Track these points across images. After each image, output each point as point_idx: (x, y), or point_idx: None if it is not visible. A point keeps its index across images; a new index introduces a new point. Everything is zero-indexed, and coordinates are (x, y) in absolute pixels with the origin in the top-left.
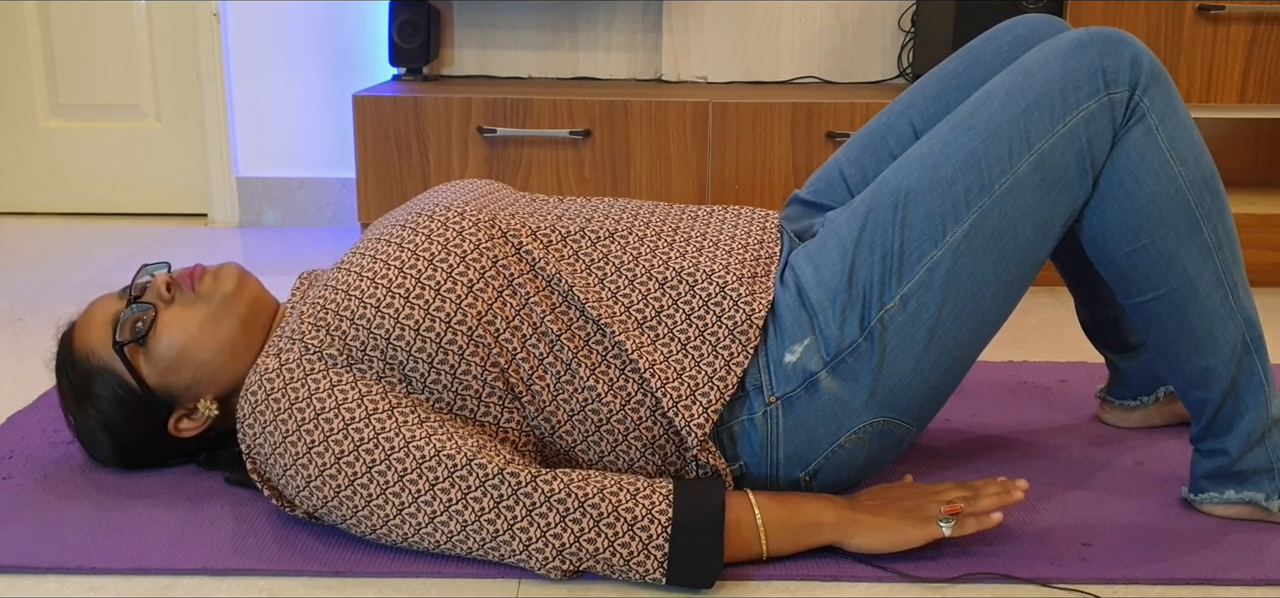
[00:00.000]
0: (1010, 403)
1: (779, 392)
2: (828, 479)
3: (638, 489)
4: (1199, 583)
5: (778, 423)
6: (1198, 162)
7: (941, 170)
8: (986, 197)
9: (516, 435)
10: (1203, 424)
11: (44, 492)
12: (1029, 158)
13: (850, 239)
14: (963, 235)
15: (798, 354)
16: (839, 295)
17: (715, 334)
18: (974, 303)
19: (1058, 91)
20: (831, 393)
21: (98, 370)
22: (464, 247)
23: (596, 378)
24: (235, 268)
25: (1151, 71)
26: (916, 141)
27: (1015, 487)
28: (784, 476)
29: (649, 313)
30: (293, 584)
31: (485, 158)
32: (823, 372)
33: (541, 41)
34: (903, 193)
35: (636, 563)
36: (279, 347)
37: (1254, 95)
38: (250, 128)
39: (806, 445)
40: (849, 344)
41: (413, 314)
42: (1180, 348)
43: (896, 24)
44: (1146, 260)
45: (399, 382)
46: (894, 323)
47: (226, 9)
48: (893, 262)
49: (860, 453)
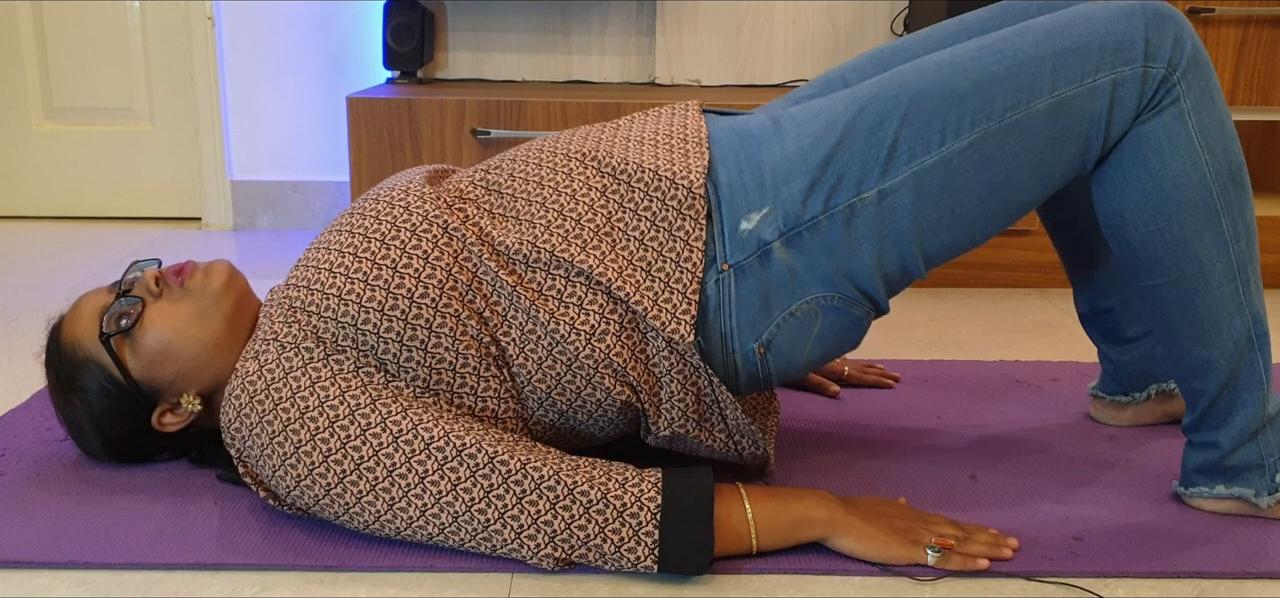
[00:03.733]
0: (1002, 401)
1: (732, 259)
2: (782, 351)
3: (627, 477)
4: (1190, 577)
5: (729, 291)
6: (1227, 153)
7: (958, 82)
8: (994, 121)
9: (496, 405)
10: (1197, 415)
11: (36, 488)
12: (1049, 99)
13: (842, 117)
14: (959, 150)
15: (754, 222)
16: (811, 170)
17: (666, 220)
18: (948, 220)
19: (1097, 47)
20: (784, 264)
21: (84, 362)
22: (412, 221)
23: (556, 320)
24: (226, 265)
25: (1193, 56)
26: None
27: (1006, 543)
28: (738, 347)
29: (600, 222)
30: (284, 579)
31: (479, 160)
32: (777, 241)
33: (535, 45)
34: (911, 89)
35: (627, 550)
36: (257, 350)
37: (1244, 97)
38: (244, 131)
39: (759, 313)
40: (808, 219)
41: (374, 296)
42: (1184, 336)
43: (889, 27)
44: (1161, 243)
45: (376, 369)
46: (865, 213)
47: (221, 12)
48: (880, 153)
49: (812, 325)
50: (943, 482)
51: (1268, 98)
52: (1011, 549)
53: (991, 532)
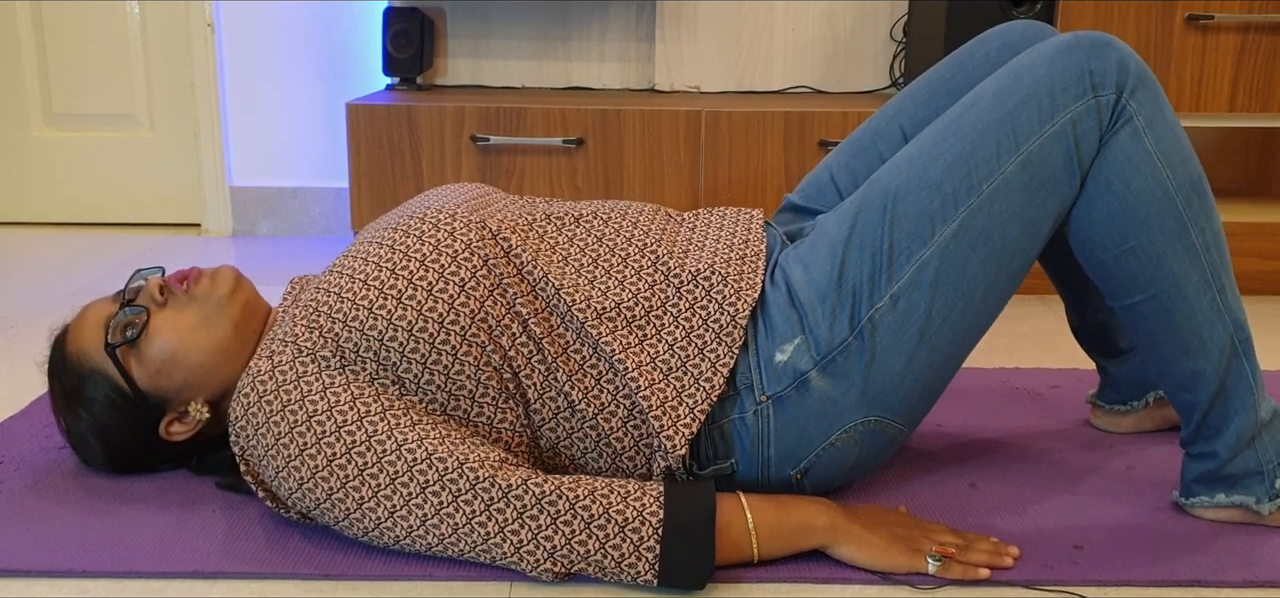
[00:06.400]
0: (1002, 408)
1: (770, 391)
2: (819, 477)
3: (628, 492)
4: (1190, 585)
5: (769, 422)
6: (1185, 164)
7: (930, 170)
8: (975, 196)
9: (510, 436)
10: (1192, 427)
11: (35, 495)
12: (1017, 158)
13: (840, 239)
14: (951, 234)
15: (788, 354)
16: (829, 295)
17: (701, 338)
18: (963, 302)
19: (1045, 93)
20: (822, 392)
21: (89, 373)
22: (455, 247)
23: (572, 384)
24: (232, 271)
25: (1138, 75)
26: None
27: (1007, 552)
28: (775, 475)
29: (638, 312)
30: (284, 587)
31: (478, 166)
32: (813, 371)
33: (535, 51)
34: (891, 193)
35: (628, 565)
36: (272, 349)
37: (1243, 104)
38: (244, 137)
39: (798, 444)
40: (839, 343)
41: (405, 315)
42: (1168, 350)
43: (888, 34)
44: (1134, 262)
45: (392, 384)
46: (884, 322)
47: (220, 18)
48: (882, 261)
49: (851, 452)
50: (943, 490)
51: (1266, 105)
52: (1012, 558)
53: (992, 540)
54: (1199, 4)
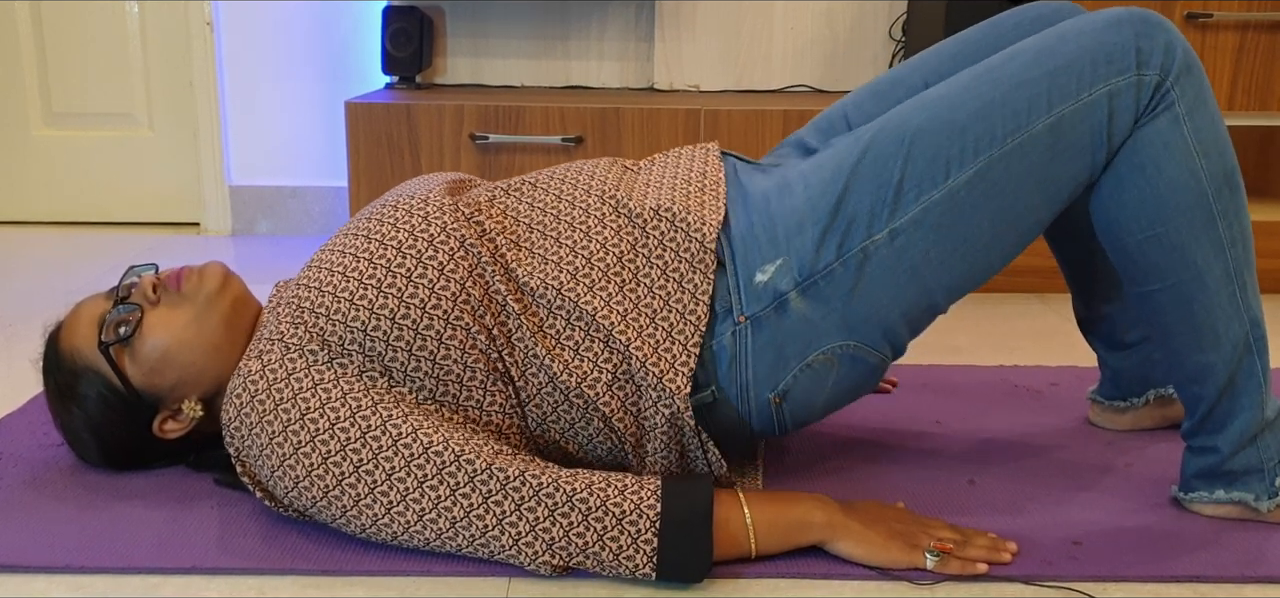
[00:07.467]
0: (1001, 405)
1: (748, 311)
2: (797, 401)
3: (626, 485)
4: (1189, 581)
5: (746, 343)
6: (1221, 156)
7: (956, 114)
8: (996, 148)
9: (500, 418)
10: (1196, 420)
11: (32, 492)
12: (1047, 119)
13: (847, 163)
14: (965, 181)
15: (769, 274)
16: (822, 217)
17: (677, 270)
18: (963, 250)
19: (1088, 61)
20: (800, 314)
21: (83, 371)
22: (430, 231)
23: (552, 356)
24: (220, 266)
25: (1185, 60)
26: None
27: (1005, 547)
28: (754, 397)
29: (611, 261)
30: (282, 583)
31: (477, 165)
32: (793, 292)
33: (534, 50)
34: (912, 128)
35: (626, 558)
36: (260, 349)
37: (1243, 102)
38: (243, 136)
39: (775, 365)
40: (823, 267)
41: (387, 303)
42: (1182, 341)
43: (887, 33)
44: (1158, 249)
45: (380, 375)
46: (878, 255)
47: (220, 18)
48: (887, 194)
49: (829, 375)
50: (941, 486)
51: (1265, 103)
52: (1010, 553)
53: (990, 536)
54: (1198, 2)
